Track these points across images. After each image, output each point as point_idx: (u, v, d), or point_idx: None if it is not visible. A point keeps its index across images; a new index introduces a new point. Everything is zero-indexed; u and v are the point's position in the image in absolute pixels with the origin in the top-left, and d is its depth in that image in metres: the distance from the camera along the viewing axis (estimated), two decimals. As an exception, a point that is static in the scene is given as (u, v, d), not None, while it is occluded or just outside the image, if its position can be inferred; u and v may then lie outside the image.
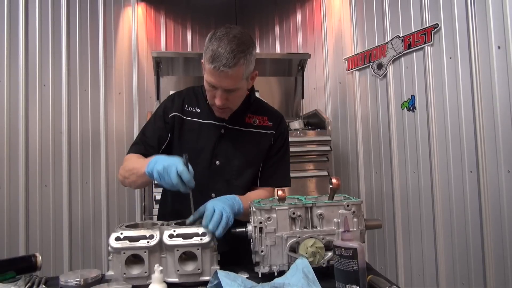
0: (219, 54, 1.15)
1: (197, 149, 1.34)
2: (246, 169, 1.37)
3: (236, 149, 1.36)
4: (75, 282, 0.90)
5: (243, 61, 1.18)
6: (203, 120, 1.37)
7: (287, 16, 3.28)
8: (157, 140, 1.36)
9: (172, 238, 0.99)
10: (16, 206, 2.25)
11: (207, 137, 1.35)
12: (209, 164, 1.34)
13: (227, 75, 1.17)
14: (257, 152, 1.39)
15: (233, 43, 1.16)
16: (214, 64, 1.16)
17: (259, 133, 1.39)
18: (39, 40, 2.38)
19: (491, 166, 1.83)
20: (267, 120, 1.42)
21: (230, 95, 1.24)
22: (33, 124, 2.34)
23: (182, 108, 1.38)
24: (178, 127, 1.37)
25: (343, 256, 0.86)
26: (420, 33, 2.18)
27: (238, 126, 1.38)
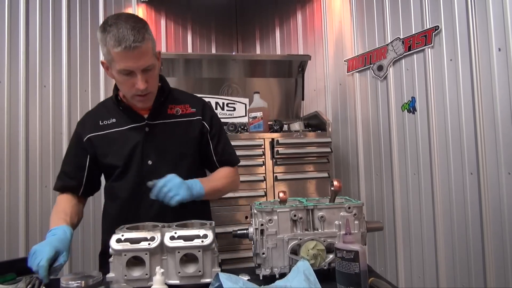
0: (123, 35, 1.14)
1: (125, 156, 1.31)
2: (181, 161, 1.35)
3: (165, 143, 1.34)
4: (76, 284, 0.90)
5: (147, 35, 1.20)
6: (122, 127, 1.34)
7: (288, 17, 3.28)
8: (75, 169, 1.37)
9: (173, 240, 0.99)
10: (16, 207, 2.24)
11: (132, 141, 1.32)
12: (141, 167, 1.32)
13: (141, 51, 1.16)
14: (188, 141, 1.38)
15: (130, 22, 1.17)
16: (124, 45, 1.14)
17: (185, 122, 1.38)
18: (39, 41, 2.37)
19: (492, 168, 1.83)
20: (189, 107, 1.41)
21: (148, 76, 1.23)
22: (33, 125, 2.33)
23: (96, 125, 1.35)
24: (99, 145, 1.34)
25: (344, 258, 0.86)
26: (420, 35, 2.18)
27: (161, 120, 1.35)
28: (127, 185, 1.33)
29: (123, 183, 1.33)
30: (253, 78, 2.85)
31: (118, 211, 1.34)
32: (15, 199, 2.24)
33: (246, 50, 3.54)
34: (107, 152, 1.34)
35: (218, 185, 1.37)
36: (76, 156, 1.37)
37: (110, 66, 1.23)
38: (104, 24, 1.19)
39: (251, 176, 2.26)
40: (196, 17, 3.38)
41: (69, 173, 1.38)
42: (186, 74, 2.74)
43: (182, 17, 3.29)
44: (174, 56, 2.69)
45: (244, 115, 2.62)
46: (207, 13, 3.47)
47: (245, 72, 2.83)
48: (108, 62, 1.23)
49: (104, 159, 1.34)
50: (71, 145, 1.41)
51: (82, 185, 1.38)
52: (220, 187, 1.38)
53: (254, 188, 2.28)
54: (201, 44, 3.40)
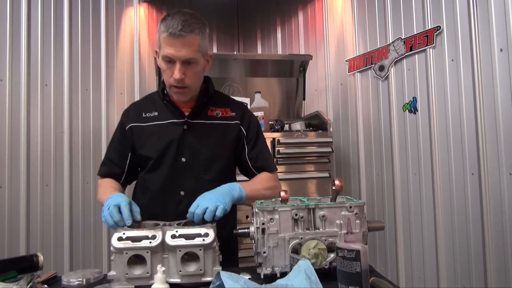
0: (173, 23, 1.19)
1: (160, 149, 1.34)
2: (214, 162, 1.36)
3: (201, 143, 1.35)
4: (77, 282, 0.90)
5: (198, 31, 1.23)
6: (163, 121, 1.37)
7: (289, 17, 3.28)
8: (119, 157, 1.40)
9: (174, 239, 0.99)
10: (17, 205, 2.24)
11: (169, 136, 1.34)
12: (174, 162, 1.33)
13: (184, 41, 1.20)
14: (223, 144, 1.38)
15: (186, 16, 1.23)
16: (170, 30, 1.19)
17: (223, 124, 1.39)
18: (41, 39, 2.38)
19: (493, 169, 1.83)
20: (229, 111, 1.42)
21: (188, 70, 1.25)
22: (34, 123, 2.34)
23: (139, 116, 1.39)
24: (138, 136, 1.37)
25: (346, 258, 0.86)
26: (422, 35, 2.18)
27: (200, 120, 1.37)
28: (159, 179, 1.34)
29: (155, 176, 1.35)
30: (254, 78, 2.85)
31: (146, 203, 1.34)
32: (16, 197, 2.24)
33: (248, 49, 3.55)
34: (143, 143, 1.37)
35: (259, 188, 1.33)
36: (120, 144, 1.41)
37: (159, 53, 1.27)
38: (165, 15, 1.26)
39: (252, 175, 2.26)
40: (198, 16, 3.37)
41: (113, 159, 1.41)
42: (187, 74, 2.74)
43: (184, 17, 3.30)
44: (175, 56, 2.68)
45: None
46: (209, 12, 3.48)
47: (246, 72, 2.84)
48: (158, 48, 1.28)
49: (140, 150, 1.37)
50: (116, 133, 1.44)
51: (125, 173, 1.41)
52: (262, 190, 1.33)
53: (255, 188, 2.28)
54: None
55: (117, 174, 1.41)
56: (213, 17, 3.51)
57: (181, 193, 1.33)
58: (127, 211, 1.09)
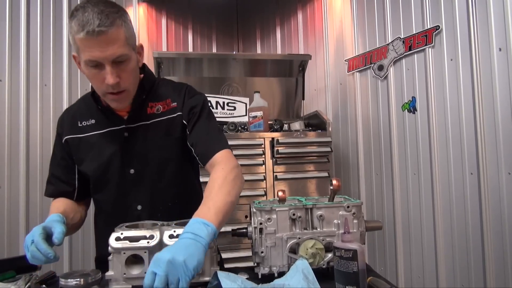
0: (87, 18, 0.96)
1: (102, 164, 1.16)
2: (167, 166, 1.18)
3: (147, 149, 1.17)
4: (75, 282, 0.90)
5: (119, 21, 1.01)
6: (101, 130, 1.17)
7: (288, 17, 3.28)
8: (65, 173, 1.22)
9: (172, 239, 0.99)
10: (16, 205, 2.25)
11: (110, 147, 1.16)
12: (122, 175, 1.17)
13: (107, 38, 0.98)
14: (170, 143, 1.19)
15: (100, 6, 0.99)
16: (87, 29, 0.96)
17: (166, 120, 1.18)
18: (40, 39, 2.38)
19: (492, 168, 1.83)
20: (170, 102, 1.20)
21: (120, 70, 1.04)
22: (33, 123, 2.34)
23: (74, 126, 1.20)
24: (75, 150, 1.19)
25: (343, 257, 0.86)
26: (421, 35, 2.18)
27: (141, 122, 1.17)
28: (109, 198, 1.20)
29: (104, 196, 1.21)
30: (253, 78, 2.86)
31: (104, 224, 1.20)
32: (15, 197, 2.25)
33: (247, 49, 3.55)
34: (83, 158, 1.19)
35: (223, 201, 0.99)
36: (63, 158, 1.22)
37: (78, 57, 1.05)
38: (73, 10, 1.01)
39: (251, 175, 2.27)
40: (197, 16, 3.38)
41: (59, 176, 1.23)
42: (187, 73, 2.75)
43: (183, 17, 3.30)
44: (174, 55, 2.69)
45: (245, 114, 2.62)
46: (208, 12, 3.48)
47: (245, 72, 2.84)
48: (76, 52, 1.05)
49: (80, 165, 1.20)
50: (56, 145, 1.24)
51: (76, 189, 1.23)
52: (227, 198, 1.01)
53: (254, 187, 2.28)
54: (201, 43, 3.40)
55: (67, 192, 1.23)
56: (212, 17, 3.51)
57: (138, 208, 1.19)
58: (43, 246, 0.92)
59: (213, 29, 3.50)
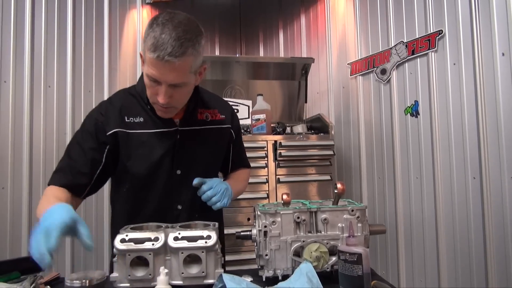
0: (163, 41, 0.99)
1: (153, 164, 1.18)
2: (209, 170, 1.27)
3: (196, 152, 1.23)
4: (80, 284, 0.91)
5: (191, 50, 1.03)
6: (151, 130, 1.19)
7: (291, 20, 3.29)
8: (89, 165, 1.16)
9: (177, 241, 0.99)
10: (19, 206, 2.25)
11: (162, 148, 1.18)
12: (169, 176, 1.20)
13: (173, 66, 1.01)
14: (218, 151, 1.33)
15: (179, 29, 1.01)
16: (158, 53, 0.99)
17: (216, 129, 1.29)
18: (44, 41, 2.39)
19: (495, 173, 1.83)
20: (218, 113, 1.30)
21: (175, 92, 1.08)
22: (37, 124, 2.34)
23: (122, 120, 1.18)
24: (124, 144, 1.17)
25: (347, 261, 0.87)
26: (424, 39, 2.18)
27: (192, 126, 1.23)
28: (154, 197, 1.21)
29: (148, 195, 1.21)
30: (256, 80, 2.86)
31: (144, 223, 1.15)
32: (18, 198, 2.25)
33: (250, 52, 3.56)
34: (130, 154, 1.18)
35: (238, 189, 1.37)
36: (93, 150, 1.16)
37: (143, 58, 1.09)
38: (154, 19, 1.05)
39: (254, 178, 2.27)
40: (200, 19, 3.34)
41: (80, 168, 1.15)
42: (190, 76, 2.75)
43: (186, 19, 3.31)
44: (178, 58, 2.69)
45: (247, 117, 2.63)
46: (211, 15, 3.49)
47: (248, 74, 2.85)
48: (143, 53, 1.09)
49: (126, 162, 1.18)
50: (85, 134, 1.18)
51: (90, 185, 1.19)
52: (240, 190, 1.41)
53: (256, 190, 2.29)
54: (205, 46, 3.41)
55: (81, 185, 1.17)
56: (215, 20, 3.52)
57: (178, 207, 1.23)
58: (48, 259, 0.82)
59: (216, 32, 3.51)
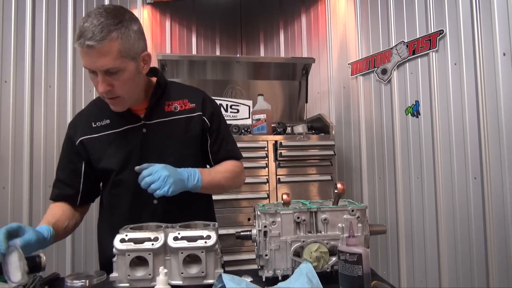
0: (85, 29, 1.02)
1: (122, 159, 1.21)
2: (183, 162, 1.23)
3: (166, 144, 1.24)
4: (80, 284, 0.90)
5: (116, 34, 1.04)
6: (117, 129, 1.23)
7: (292, 20, 3.29)
8: (70, 177, 1.26)
9: (176, 241, 0.99)
10: (20, 206, 2.25)
11: (129, 143, 1.22)
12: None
13: (98, 51, 1.02)
14: (189, 140, 1.28)
15: (101, 17, 1.03)
16: (79, 41, 1.01)
17: (185, 118, 1.27)
18: (45, 41, 2.39)
19: (495, 173, 1.83)
20: (188, 102, 1.29)
21: (113, 79, 1.09)
22: (38, 124, 2.35)
23: (88, 127, 1.24)
24: (92, 149, 1.23)
25: (347, 261, 0.86)
26: (425, 39, 2.18)
27: (159, 119, 1.25)
28: (127, 192, 1.24)
29: (122, 190, 1.25)
30: (257, 81, 2.86)
31: (120, 220, 1.17)
32: (18, 198, 2.25)
33: (250, 52, 3.55)
34: (101, 156, 1.23)
35: (220, 179, 1.26)
36: (71, 162, 1.27)
37: None
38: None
39: (254, 178, 2.27)
40: (201, 19, 3.39)
41: (64, 180, 1.27)
42: (190, 76, 2.75)
43: (187, 19, 3.31)
44: (178, 58, 2.70)
45: (248, 117, 2.63)
46: (212, 15, 3.49)
47: (249, 74, 2.85)
48: None
49: (98, 164, 1.24)
50: (64, 149, 1.29)
51: (80, 193, 1.27)
52: (222, 181, 1.27)
53: (257, 190, 2.28)
54: (205, 46, 3.41)
55: (71, 196, 1.27)
56: (216, 20, 3.52)
57: (154, 202, 1.23)
58: None
59: (216, 31, 3.51)
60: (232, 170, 1.32)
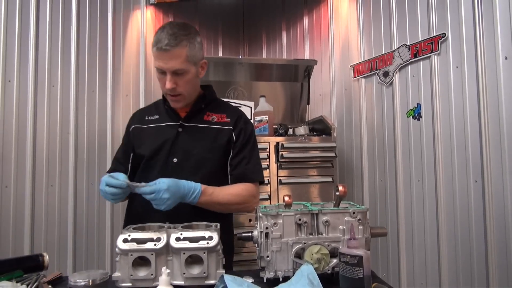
0: (161, 37, 1.29)
1: (154, 149, 1.42)
2: (203, 164, 1.41)
3: (193, 145, 1.41)
4: (83, 283, 0.92)
5: (185, 42, 1.31)
6: (161, 124, 1.47)
7: (294, 22, 3.30)
8: (124, 157, 1.52)
9: (179, 241, 1.00)
10: (22, 205, 2.26)
11: (164, 136, 1.43)
12: (166, 162, 1.40)
13: (171, 54, 1.29)
14: (214, 147, 1.43)
15: (174, 28, 1.32)
16: (157, 46, 1.29)
17: (217, 129, 1.45)
18: (49, 41, 2.40)
19: (496, 176, 1.83)
20: (225, 117, 1.48)
21: (178, 79, 1.34)
22: (41, 124, 2.35)
23: (142, 119, 1.51)
24: (137, 137, 1.49)
25: (348, 263, 0.87)
26: (427, 42, 2.19)
27: (195, 123, 1.45)
28: (151, 178, 1.33)
29: (148, 176, 1.39)
30: (259, 82, 2.87)
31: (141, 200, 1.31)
32: (21, 197, 2.26)
33: (253, 54, 3.57)
34: (140, 144, 1.46)
35: (220, 200, 1.36)
36: (125, 145, 1.54)
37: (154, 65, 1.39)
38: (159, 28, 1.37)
39: (255, 179, 2.27)
40: (204, 20, 3.40)
41: (119, 159, 1.54)
42: (193, 77, 2.76)
43: (190, 20, 3.32)
44: (181, 59, 2.70)
45: (250, 118, 2.63)
46: (214, 16, 3.50)
47: (251, 76, 2.85)
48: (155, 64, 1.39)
49: (136, 149, 1.47)
50: (124, 135, 1.58)
51: (128, 171, 1.49)
52: (222, 201, 1.37)
53: (258, 191, 2.29)
54: (208, 47, 3.42)
55: (122, 172, 1.42)
56: (218, 21, 3.53)
57: None
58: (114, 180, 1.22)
59: (219, 33, 3.52)
60: (238, 194, 1.41)
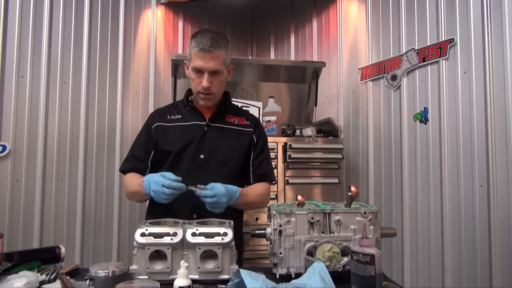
0: (204, 40, 1.41)
1: (182, 145, 1.49)
2: (228, 162, 1.52)
3: (219, 143, 1.52)
4: (104, 274, 0.95)
5: (223, 47, 1.45)
6: (185, 123, 1.55)
7: (303, 24, 3.32)
8: (144, 154, 1.55)
9: (194, 237, 1.03)
10: (32, 198, 2.30)
11: (191, 135, 1.51)
12: (193, 158, 1.48)
13: (212, 55, 1.41)
14: (237, 147, 1.55)
15: (213, 33, 1.45)
16: (201, 46, 1.40)
17: (239, 130, 1.58)
18: (61, 39, 2.44)
19: (502, 181, 1.85)
20: (244, 120, 1.62)
21: (214, 79, 1.46)
22: (52, 119, 2.39)
23: (164, 118, 1.57)
24: (162, 134, 1.54)
25: (360, 261, 0.90)
26: (435, 47, 2.21)
27: (220, 124, 1.56)
28: (181, 174, 1.39)
29: (175, 171, 1.42)
30: (267, 83, 2.89)
31: None
32: (31, 191, 2.30)
33: (261, 54, 3.59)
34: (167, 140, 1.52)
35: (251, 201, 1.50)
36: (146, 142, 1.57)
37: (189, 65, 1.50)
38: (194, 33, 1.48)
39: (263, 178, 2.30)
40: (213, 20, 3.43)
41: (138, 156, 1.56)
42: (202, 76, 2.79)
43: (199, 20, 3.35)
44: (191, 58, 2.73)
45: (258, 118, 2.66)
46: (223, 17, 3.53)
47: (259, 76, 2.88)
48: (188, 61, 1.51)
49: (163, 146, 1.52)
50: (142, 133, 1.61)
51: (148, 169, 1.54)
52: (253, 202, 1.52)
53: (265, 191, 2.31)
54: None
55: (141, 170, 1.54)
56: (227, 22, 3.56)
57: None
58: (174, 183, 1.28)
59: (228, 33, 3.54)
60: (262, 193, 1.56)
